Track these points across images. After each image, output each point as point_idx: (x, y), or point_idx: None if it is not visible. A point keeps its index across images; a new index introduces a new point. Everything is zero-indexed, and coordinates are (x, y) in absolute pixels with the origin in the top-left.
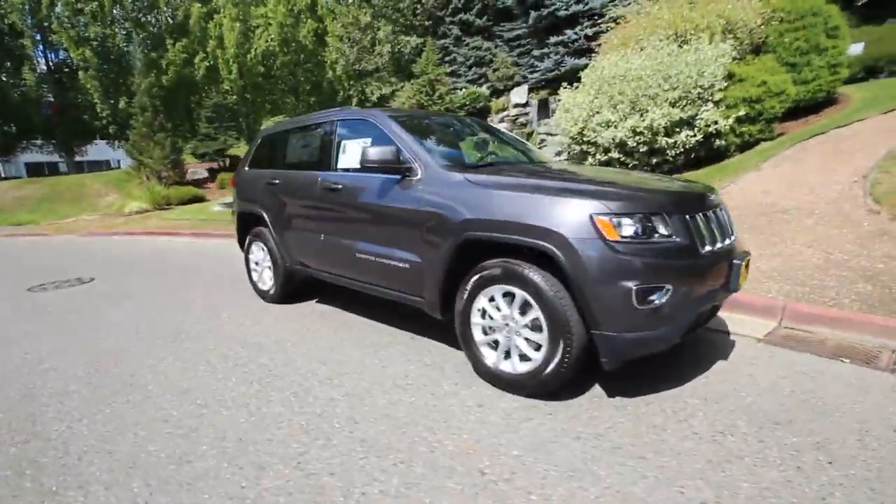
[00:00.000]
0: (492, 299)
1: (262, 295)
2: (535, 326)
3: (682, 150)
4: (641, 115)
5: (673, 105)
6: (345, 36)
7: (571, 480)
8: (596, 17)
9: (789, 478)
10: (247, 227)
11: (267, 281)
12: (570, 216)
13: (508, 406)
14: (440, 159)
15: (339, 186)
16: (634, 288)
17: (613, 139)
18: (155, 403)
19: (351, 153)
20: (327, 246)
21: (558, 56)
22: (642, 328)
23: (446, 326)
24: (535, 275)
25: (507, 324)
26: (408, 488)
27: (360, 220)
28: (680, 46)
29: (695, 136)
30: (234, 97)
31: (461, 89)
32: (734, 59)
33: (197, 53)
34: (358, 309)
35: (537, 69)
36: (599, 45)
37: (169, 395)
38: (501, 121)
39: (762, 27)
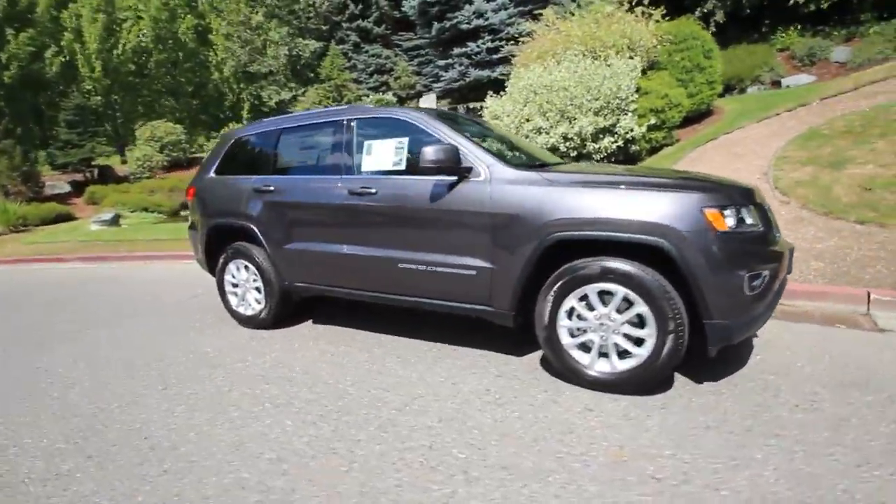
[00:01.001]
0: (582, 298)
1: (247, 321)
2: (636, 322)
3: (604, 154)
4: (570, 123)
5: (596, 114)
6: (235, 35)
7: (740, 469)
8: (497, 33)
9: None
10: (218, 244)
11: (253, 304)
12: (682, 210)
13: (616, 406)
14: (500, 158)
15: (373, 191)
16: (746, 275)
17: (546, 144)
18: (208, 468)
19: (379, 154)
20: (353, 258)
21: (462, 67)
22: (747, 313)
23: (485, 332)
24: (638, 270)
25: (603, 323)
26: None
27: (405, 226)
28: (593, 60)
29: (616, 141)
30: (99, 98)
31: (367, 96)
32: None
33: (48, 47)
34: (368, 325)
35: (442, 78)
36: (513, 56)
37: (219, 454)
38: None
39: (656, 47)
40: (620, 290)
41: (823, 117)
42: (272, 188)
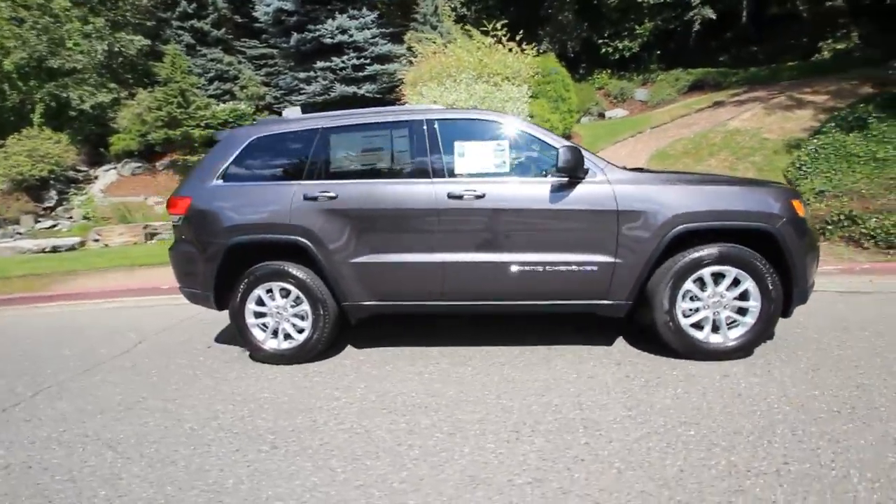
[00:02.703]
0: (696, 281)
1: (285, 356)
2: (738, 296)
3: None
4: None
5: None
6: (29, 20)
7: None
8: (362, 51)
9: None
10: (232, 269)
11: (293, 334)
12: (780, 201)
13: (739, 369)
14: (605, 161)
15: (479, 193)
16: (818, 250)
17: None
18: None
19: (476, 156)
20: (452, 266)
21: (327, 81)
22: (812, 279)
23: (547, 328)
24: (746, 252)
25: (716, 300)
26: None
27: (519, 228)
28: (486, 84)
29: None
30: None
31: (216, 104)
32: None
33: None
34: (422, 340)
35: (304, 91)
36: (402, 74)
37: (465, 493)
38: None
39: (531, 77)
40: (732, 271)
41: (663, 141)
42: (332, 194)
